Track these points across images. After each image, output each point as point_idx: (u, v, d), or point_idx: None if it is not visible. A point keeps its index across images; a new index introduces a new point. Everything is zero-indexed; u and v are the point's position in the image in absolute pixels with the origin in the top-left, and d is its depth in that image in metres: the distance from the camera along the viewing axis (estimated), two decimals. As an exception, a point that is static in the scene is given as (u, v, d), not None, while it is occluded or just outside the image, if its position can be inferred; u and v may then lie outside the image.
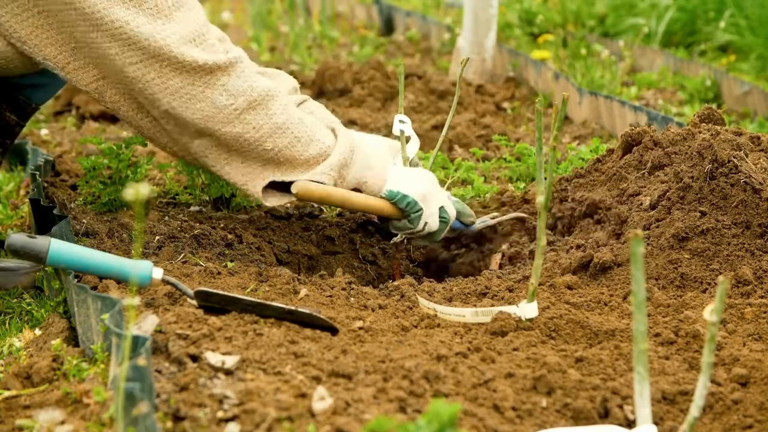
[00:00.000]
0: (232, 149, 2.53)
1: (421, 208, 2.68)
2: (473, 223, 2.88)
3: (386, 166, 2.71)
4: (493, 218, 2.92)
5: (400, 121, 2.86)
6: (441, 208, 2.73)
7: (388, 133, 4.22)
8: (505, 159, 3.80)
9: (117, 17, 2.39)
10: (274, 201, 2.62)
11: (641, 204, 2.74)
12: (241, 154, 2.54)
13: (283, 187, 2.62)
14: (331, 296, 2.43)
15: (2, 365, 2.21)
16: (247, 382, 1.79)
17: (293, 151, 2.55)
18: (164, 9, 2.42)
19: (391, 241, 2.89)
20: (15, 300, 2.63)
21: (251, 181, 2.57)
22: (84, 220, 2.81)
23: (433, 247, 3.01)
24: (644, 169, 2.84)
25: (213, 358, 1.88)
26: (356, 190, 2.67)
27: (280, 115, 2.52)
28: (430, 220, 2.71)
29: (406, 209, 2.67)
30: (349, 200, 2.63)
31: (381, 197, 2.68)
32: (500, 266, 2.82)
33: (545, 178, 2.13)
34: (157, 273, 2.21)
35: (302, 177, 2.57)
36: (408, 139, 2.87)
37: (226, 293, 2.16)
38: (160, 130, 2.56)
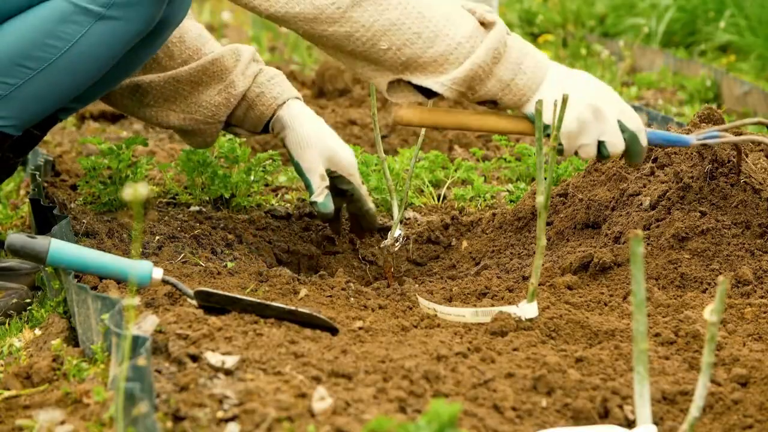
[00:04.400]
0: (346, 51, 2.28)
1: (562, 145, 2.30)
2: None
3: (538, 77, 2.28)
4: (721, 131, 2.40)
5: None
6: (619, 122, 2.32)
7: (389, 133, 4.22)
8: (505, 159, 3.80)
9: None
10: (401, 97, 2.35)
11: (641, 204, 2.74)
12: (357, 56, 2.29)
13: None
14: (331, 296, 2.43)
15: (2, 365, 2.21)
16: (247, 382, 1.79)
17: (414, 48, 2.24)
18: None
19: (381, 245, 2.85)
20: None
21: (380, 76, 2.32)
22: (84, 220, 2.81)
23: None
24: (644, 169, 2.84)
25: (213, 358, 1.88)
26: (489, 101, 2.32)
27: (393, 10, 2.24)
28: (584, 152, 2.33)
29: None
30: (467, 125, 2.33)
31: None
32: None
33: (545, 178, 2.12)
34: (157, 273, 2.21)
35: (432, 80, 2.28)
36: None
37: (226, 293, 2.16)
38: None
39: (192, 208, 3.15)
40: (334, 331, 2.13)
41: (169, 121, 2.84)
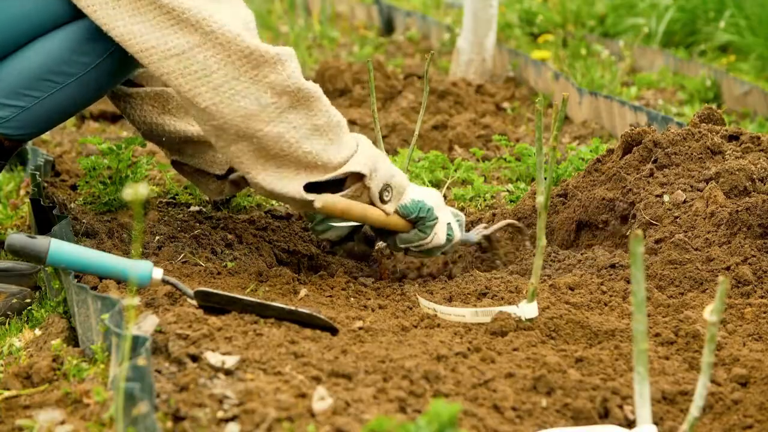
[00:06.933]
0: (270, 154, 2.41)
1: (437, 217, 2.61)
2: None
3: (405, 178, 2.62)
4: (485, 227, 2.86)
5: None
6: (448, 225, 2.66)
7: (389, 133, 4.22)
8: (505, 159, 3.80)
9: None
10: (324, 198, 2.49)
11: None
12: (277, 159, 2.42)
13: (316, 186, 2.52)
14: (331, 296, 2.43)
15: (2, 365, 2.21)
16: (247, 382, 1.79)
17: (328, 153, 2.44)
18: None
19: (376, 246, 2.84)
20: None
21: (288, 185, 2.45)
22: (84, 220, 2.81)
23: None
24: (644, 170, 2.84)
25: (213, 358, 1.88)
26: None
27: (320, 117, 2.42)
28: (440, 232, 2.64)
29: (424, 216, 2.59)
30: (366, 215, 2.55)
31: (398, 208, 2.59)
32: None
33: (545, 178, 2.13)
34: (157, 273, 2.21)
35: (345, 168, 2.47)
36: None
37: (226, 293, 2.16)
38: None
39: (192, 208, 3.15)
40: (334, 331, 2.13)
41: (186, 130, 2.83)
